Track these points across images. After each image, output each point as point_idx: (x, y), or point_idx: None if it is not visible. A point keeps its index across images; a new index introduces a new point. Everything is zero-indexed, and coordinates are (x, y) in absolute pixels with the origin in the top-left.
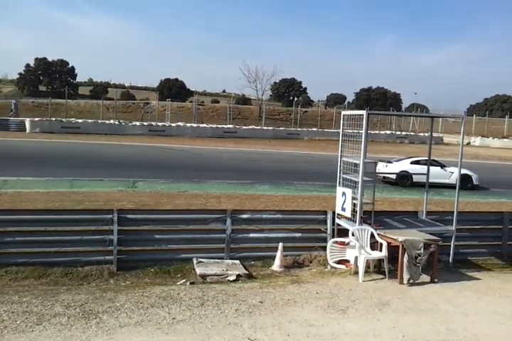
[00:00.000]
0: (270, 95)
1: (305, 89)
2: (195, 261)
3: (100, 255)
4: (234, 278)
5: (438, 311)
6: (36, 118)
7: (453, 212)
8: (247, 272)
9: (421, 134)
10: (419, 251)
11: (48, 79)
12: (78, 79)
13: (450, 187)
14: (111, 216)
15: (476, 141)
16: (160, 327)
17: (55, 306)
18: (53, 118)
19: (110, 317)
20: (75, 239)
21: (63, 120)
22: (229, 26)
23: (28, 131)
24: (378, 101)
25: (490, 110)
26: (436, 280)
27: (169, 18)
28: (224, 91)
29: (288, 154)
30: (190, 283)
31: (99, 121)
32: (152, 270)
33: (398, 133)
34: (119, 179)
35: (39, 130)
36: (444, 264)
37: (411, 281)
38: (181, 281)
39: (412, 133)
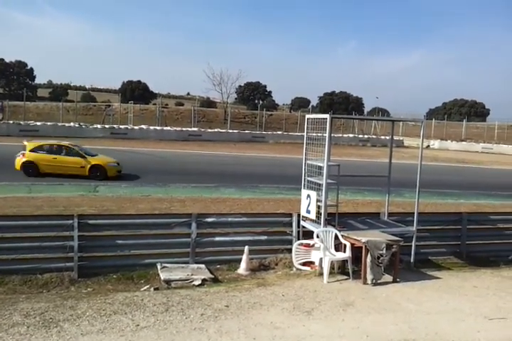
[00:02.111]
0: (235, 98)
1: (270, 92)
2: (159, 266)
3: (60, 262)
4: (199, 282)
5: (400, 310)
6: None
7: (414, 213)
8: (212, 276)
9: (382, 137)
10: (381, 252)
11: (6, 80)
12: (37, 81)
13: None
14: (71, 221)
15: (435, 143)
16: (123, 335)
17: (13, 315)
18: (11, 121)
19: (72, 326)
20: (34, 245)
21: (21, 123)
22: (193, 28)
23: None
24: (341, 105)
25: (448, 114)
26: (398, 279)
27: (131, 19)
28: (188, 93)
29: (253, 157)
30: (155, 289)
31: (59, 124)
32: (115, 276)
33: (361, 136)
34: (80, 183)
35: None
36: (405, 264)
37: (374, 281)
38: (145, 287)
39: (374, 137)
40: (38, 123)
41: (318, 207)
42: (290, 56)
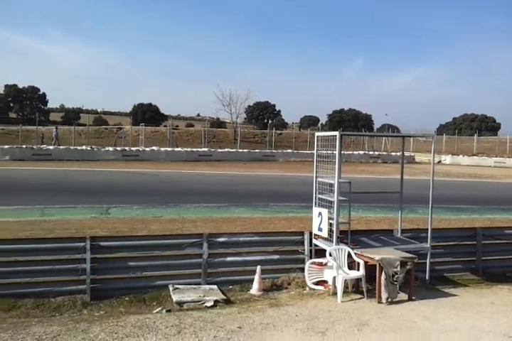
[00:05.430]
0: (245, 118)
1: (279, 111)
2: (171, 288)
3: (73, 285)
4: (211, 303)
5: (417, 329)
6: (6, 146)
7: (427, 229)
8: (224, 297)
9: (393, 154)
10: (396, 269)
11: (19, 106)
12: (49, 105)
13: None
14: (83, 244)
15: (447, 159)
16: None
17: (26, 339)
18: (24, 146)
19: None
20: (47, 268)
21: (34, 147)
22: (201, 50)
23: None
24: (351, 122)
25: (459, 129)
26: (413, 297)
27: (140, 43)
28: (198, 115)
29: (264, 176)
30: (167, 311)
31: (71, 147)
32: (127, 298)
33: (371, 153)
34: (92, 206)
35: (9, 158)
36: (420, 281)
37: (389, 300)
38: (157, 309)
39: (384, 153)
40: (51, 147)
41: (330, 224)
42: (298, 75)
